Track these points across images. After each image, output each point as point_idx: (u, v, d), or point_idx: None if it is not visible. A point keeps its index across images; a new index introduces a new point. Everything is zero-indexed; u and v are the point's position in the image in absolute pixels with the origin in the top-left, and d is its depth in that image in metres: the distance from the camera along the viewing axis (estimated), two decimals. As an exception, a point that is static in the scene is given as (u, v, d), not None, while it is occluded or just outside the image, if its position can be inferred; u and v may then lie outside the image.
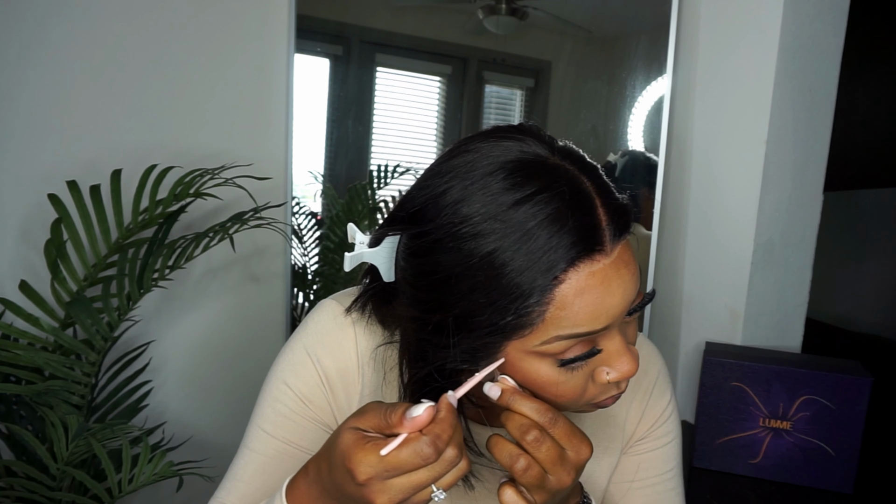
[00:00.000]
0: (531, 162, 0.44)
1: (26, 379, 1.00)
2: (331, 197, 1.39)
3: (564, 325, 0.43)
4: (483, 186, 0.43)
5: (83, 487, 1.06)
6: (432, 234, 0.45)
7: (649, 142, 1.34)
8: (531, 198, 0.42)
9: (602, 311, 0.43)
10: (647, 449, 0.66)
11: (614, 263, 0.44)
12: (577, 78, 1.42)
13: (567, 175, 0.44)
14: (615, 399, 0.50)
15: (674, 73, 1.29)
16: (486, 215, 0.42)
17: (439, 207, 0.45)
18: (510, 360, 0.46)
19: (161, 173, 1.08)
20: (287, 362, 0.59)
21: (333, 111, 1.38)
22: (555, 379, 0.46)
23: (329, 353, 0.58)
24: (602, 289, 0.43)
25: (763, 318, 1.25)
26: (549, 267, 0.42)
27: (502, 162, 0.44)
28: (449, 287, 0.44)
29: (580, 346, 0.45)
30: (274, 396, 0.59)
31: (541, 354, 0.45)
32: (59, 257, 1.02)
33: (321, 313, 0.60)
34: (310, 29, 1.33)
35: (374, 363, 0.59)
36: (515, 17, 1.38)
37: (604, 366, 0.47)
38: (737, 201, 1.23)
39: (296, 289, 1.41)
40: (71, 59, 1.17)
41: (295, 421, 0.59)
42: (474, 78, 1.43)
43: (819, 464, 1.07)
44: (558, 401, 0.48)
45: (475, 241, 0.43)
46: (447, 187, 0.45)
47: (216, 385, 1.36)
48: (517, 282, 0.42)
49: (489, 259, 0.42)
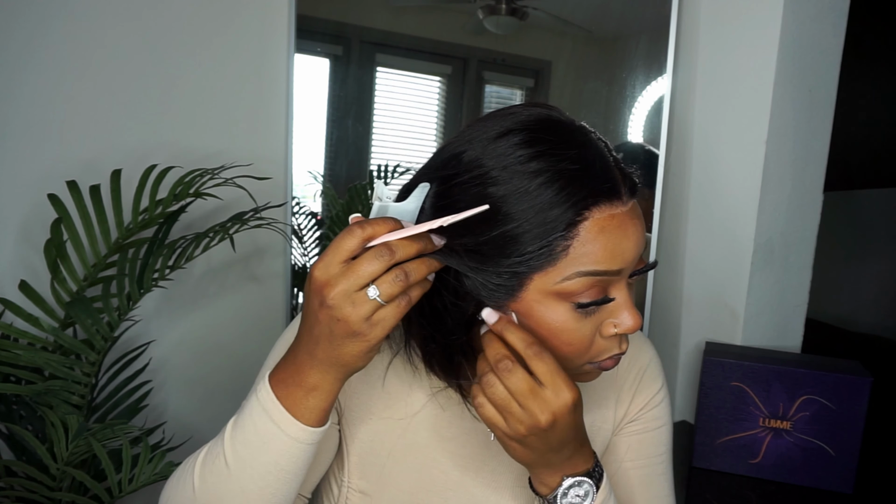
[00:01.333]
0: (558, 120, 0.50)
1: (26, 379, 1.00)
2: (331, 197, 1.39)
3: (585, 261, 0.47)
4: (518, 134, 0.48)
5: (83, 487, 1.06)
6: (462, 175, 0.48)
7: (649, 141, 1.34)
8: (559, 146, 0.47)
9: (619, 251, 0.48)
10: (638, 430, 0.67)
11: (630, 213, 0.49)
12: (577, 78, 1.42)
13: (589, 135, 0.50)
14: (616, 361, 0.53)
15: (674, 73, 1.29)
16: (521, 157, 0.47)
17: (477, 150, 0.49)
18: (528, 305, 0.49)
19: (161, 173, 1.08)
20: (278, 352, 0.62)
21: (333, 111, 1.38)
22: (569, 325, 0.49)
23: None
24: (620, 231, 0.48)
25: (763, 318, 1.25)
26: (577, 202, 0.46)
27: (530, 119, 0.49)
28: (479, 222, 0.47)
29: (595, 291, 0.49)
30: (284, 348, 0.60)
31: (559, 296, 0.48)
32: (59, 257, 1.02)
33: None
34: (310, 29, 1.33)
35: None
36: (515, 17, 1.38)
37: (610, 318, 0.51)
38: (737, 201, 1.23)
39: (296, 289, 1.41)
40: (71, 59, 1.17)
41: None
42: (474, 78, 1.42)
43: (819, 464, 1.07)
44: (567, 351, 0.50)
45: (507, 179, 0.47)
46: (481, 135, 0.49)
47: (216, 385, 1.36)
48: (548, 214, 0.46)
49: (524, 191, 0.46)
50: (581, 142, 0.48)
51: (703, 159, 1.30)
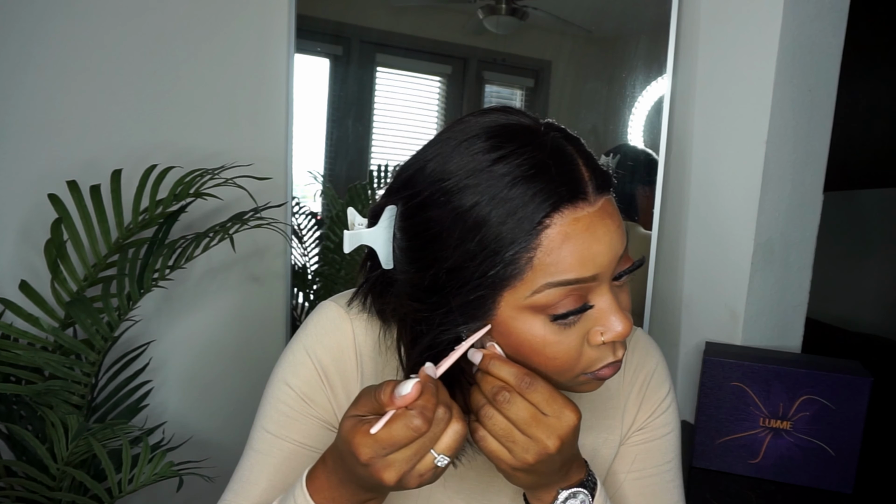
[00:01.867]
0: (514, 125, 0.47)
1: (26, 379, 1.00)
2: (331, 197, 1.39)
3: (553, 271, 0.44)
4: (468, 147, 0.46)
5: (83, 487, 1.06)
6: (422, 193, 0.47)
7: (649, 142, 1.34)
8: (513, 153, 0.44)
9: (589, 257, 0.45)
10: (645, 440, 0.65)
11: (598, 213, 0.45)
12: (577, 78, 1.42)
13: (549, 136, 0.46)
14: (614, 369, 0.50)
15: (674, 73, 1.29)
16: (469, 171, 0.45)
17: (427, 170, 0.47)
18: (504, 323, 0.47)
19: (161, 173, 1.08)
20: (287, 363, 0.60)
21: (333, 111, 1.38)
22: (549, 338, 0.46)
23: (327, 351, 0.59)
24: (587, 235, 0.44)
25: (763, 318, 1.25)
26: (533, 212, 0.43)
27: (486, 127, 0.47)
28: (441, 241, 0.46)
29: (572, 300, 0.46)
30: (276, 397, 0.60)
31: (533, 309, 0.46)
32: (59, 257, 1.02)
33: (320, 314, 0.61)
34: (310, 29, 1.33)
35: (375, 356, 0.59)
36: (515, 17, 1.38)
37: (597, 325, 0.47)
38: (737, 201, 1.23)
39: (296, 289, 1.41)
40: (71, 59, 1.17)
41: (298, 420, 0.59)
42: (474, 78, 1.42)
43: (819, 464, 1.07)
44: (553, 365, 0.48)
45: (460, 194, 0.45)
46: (436, 153, 0.47)
47: (216, 385, 1.36)
48: (503, 229, 0.44)
49: (475, 210, 0.44)
50: (538, 144, 0.45)
51: (703, 159, 1.30)
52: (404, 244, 0.49)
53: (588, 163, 0.47)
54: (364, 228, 0.50)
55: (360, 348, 0.59)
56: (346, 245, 0.50)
